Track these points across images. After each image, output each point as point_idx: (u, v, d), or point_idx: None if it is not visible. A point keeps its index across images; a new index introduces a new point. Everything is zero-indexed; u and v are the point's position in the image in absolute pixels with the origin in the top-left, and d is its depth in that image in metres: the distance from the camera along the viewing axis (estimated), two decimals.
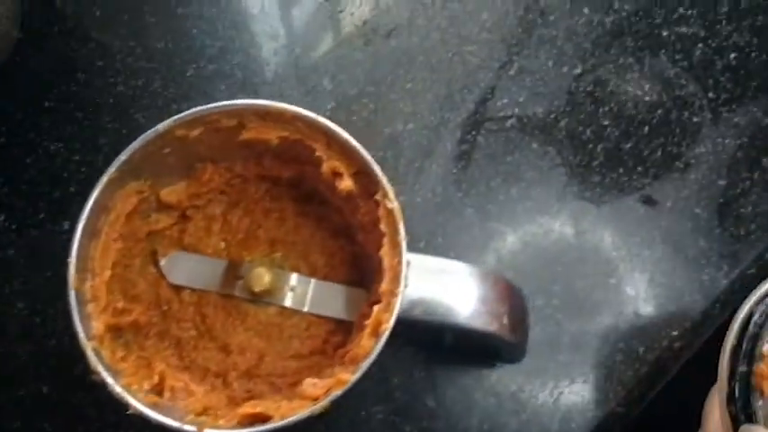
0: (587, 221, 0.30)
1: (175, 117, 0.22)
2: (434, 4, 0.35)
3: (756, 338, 0.21)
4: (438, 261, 0.21)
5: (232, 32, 0.34)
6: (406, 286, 0.20)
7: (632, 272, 0.30)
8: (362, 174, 0.22)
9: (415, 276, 0.20)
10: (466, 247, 0.30)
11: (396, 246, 0.20)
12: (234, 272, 0.25)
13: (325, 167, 0.22)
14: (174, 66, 0.33)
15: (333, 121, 0.32)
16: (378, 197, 0.21)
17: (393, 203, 0.21)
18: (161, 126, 0.21)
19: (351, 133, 0.32)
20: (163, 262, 0.24)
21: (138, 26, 0.34)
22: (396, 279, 0.20)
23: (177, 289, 0.24)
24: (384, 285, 0.20)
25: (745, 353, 0.21)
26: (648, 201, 0.30)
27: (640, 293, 0.29)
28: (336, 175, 0.22)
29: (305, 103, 0.33)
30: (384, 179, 0.21)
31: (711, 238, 0.30)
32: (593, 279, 0.29)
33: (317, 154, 0.22)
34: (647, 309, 0.29)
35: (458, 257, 0.29)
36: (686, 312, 0.29)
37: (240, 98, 0.33)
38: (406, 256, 0.20)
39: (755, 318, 0.22)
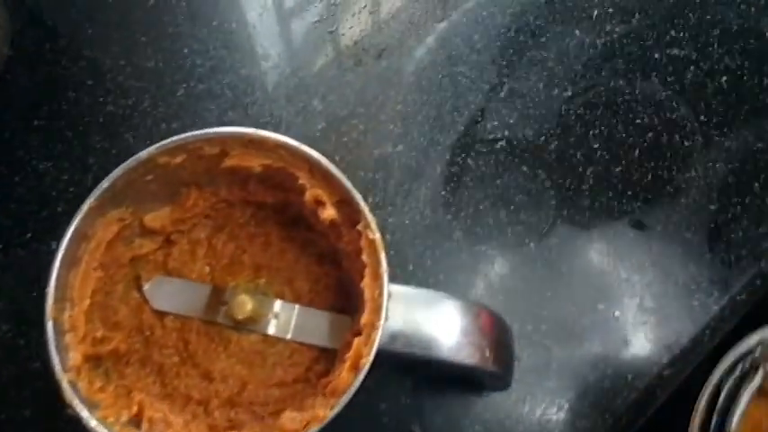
0: (577, 245, 0.30)
1: (158, 144, 0.22)
2: (425, 25, 0.35)
3: (726, 413, 0.21)
4: (420, 292, 0.21)
5: (223, 52, 0.34)
6: (386, 319, 0.20)
7: (621, 297, 0.29)
8: (345, 202, 0.22)
9: (397, 308, 0.20)
10: (454, 270, 0.30)
11: (377, 277, 0.20)
12: (218, 297, 0.24)
13: (308, 196, 0.22)
14: (164, 85, 0.33)
15: (323, 141, 0.33)
16: (360, 227, 0.21)
17: (375, 234, 0.20)
18: (143, 154, 0.21)
19: (340, 154, 0.32)
20: (146, 287, 0.24)
21: (130, 45, 0.34)
22: (376, 311, 0.20)
23: (160, 314, 0.24)
24: (365, 317, 0.20)
25: (715, 429, 0.21)
26: (638, 225, 0.30)
27: (629, 319, 0.29)
28: (319, 203, 0.22)
29: (295, 123, 0.33)
30: (366, 209, 0.21)
31: (702, 264, 0.30)
32: (582, 304, 0.29)
33: (300, 182, 0.22)
34: (637, 335, 0.29)
35: (446, 280, 0.29)
36: (676, 339, 0.29)
37: (230, 117, 0.33)
38: (388, 287, 0.20)
39: (724, 392, 0.22)
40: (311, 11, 0.35)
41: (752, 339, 0.24)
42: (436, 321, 0.20)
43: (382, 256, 0.20)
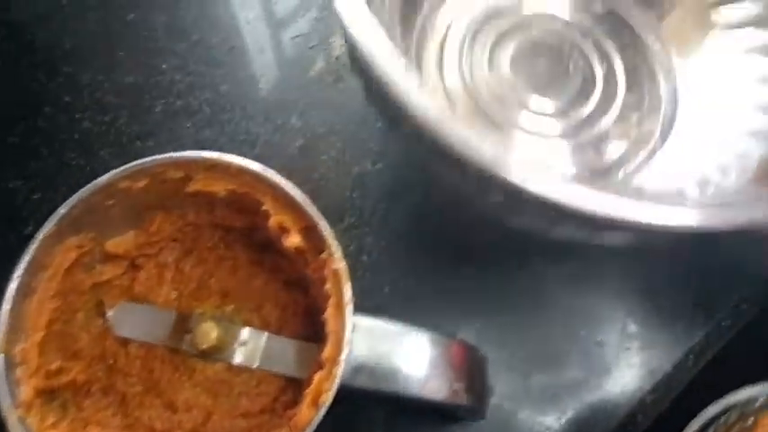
0: (557, 270, 0.29)
1: (118, 170, 0.21)
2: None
3: None
4: (387, 325, 0.20)
5: (202, 68, 0.33)
6: (349, 353, 0.19)
7: (603, 322, 0.29)
8: (311, 229, 0.21)
9: (361, 341, 0.19)
10: (431, 294, 0.29)
11: (340, 309, 0.19)
12: (183, 324, 0.24)
13: (273, 222, 0.21)
14: (141, 101, 0.33)
15: (301, 158, 0.32)
16: (324, 255, 0.20)
17: (339, 264, 0.20)
18: (102, 179, 0.21)
19: (319, 172, 0.32)
20: (110, 313, 0.24)
21: (109, 60, 0.34)
22: (338, 345, 0.19)
23: (124, 341, 0.24)
24: (326, 351, 0.19)
25: None
26: (620, 249, 0.29)
27: (612, 345, 0.28)
28: (284, 230, 0.21)
29: (272, 140, 0.32)
30: (331, 237, 0.20)
31: (685, 288, 0.29)
32: (563, 330, 0.28)
33: (264, 208, 0.21)
34: (619, 361, 0.28)
35: (422, 305, 0.29)
36: (659, 364, 0.28)
37: (206, 135, 0.33)
38: (352, 319, 0.19)
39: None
40: (292, 27, 0.34)
41: (745, 392, 0.23)
42: (402, 355, 0.20)
43: (347, 286, 0.20)
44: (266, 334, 0.23)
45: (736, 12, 0.29)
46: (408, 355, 0.20)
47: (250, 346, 0.23)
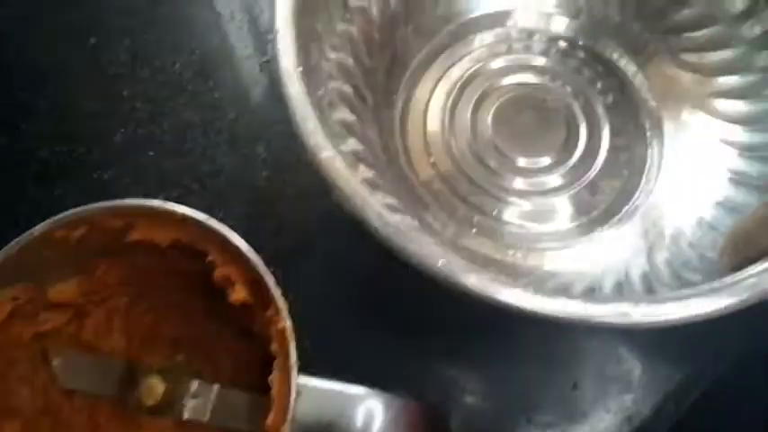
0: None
1: (53, 219, 0.20)
2: None
3: None
4: (338, 387, 0.19)
5: (164, 94, 0.32)
6: (293, 420, 0.18)
7: (581, 366, 0.27)
8: (257, 282, 0.20)
9: (308, 405, 0.18)
10: (394, 344, 0.27)
11: (285, 371, 0.18)
12: (132, 375, 0.22)
13: (218, 274, 0.20)
14: (101, 129, 0.32)
15: (267, 190, 0.31)
16: (269, 313, 0.19)
17: (285, 323, 0.19)
18: (36, 229, 0.19)
19: (284, 205, 0.31)
20: (55, 363, 0.22)
21: (67, 86, 0.33)
22: (282, 411, 0.18)
23: (70, 393, 0.22)
24: (270, 418, 0.18)
25: None
26: None
27: (588, 389, 0.27)
28: (229, 282, 0.20)
29: (237, 171, 0.31)
30: (278, 293, 0.19)
31: (665, 330, 0.28)
32: (536, 375, 0.27)
33: (210, 258, 0.20)
34: (596, 406, 0.27)
35: (385, 357, 0.27)
36: (637, 409, 0.27)
37: (168, 165, 0.31)
38: (297, 381, 0.18)
39: None
40: (257, 54, 0.33)
41: None
42: (354, 420, 0.18)
43: (292, 346, 0.18)
44: (217, 387, 0.22)
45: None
46: (360, 421, 0.18)
47: (200, 399, 0.22)
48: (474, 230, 0.28)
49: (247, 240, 0.20)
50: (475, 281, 0.19)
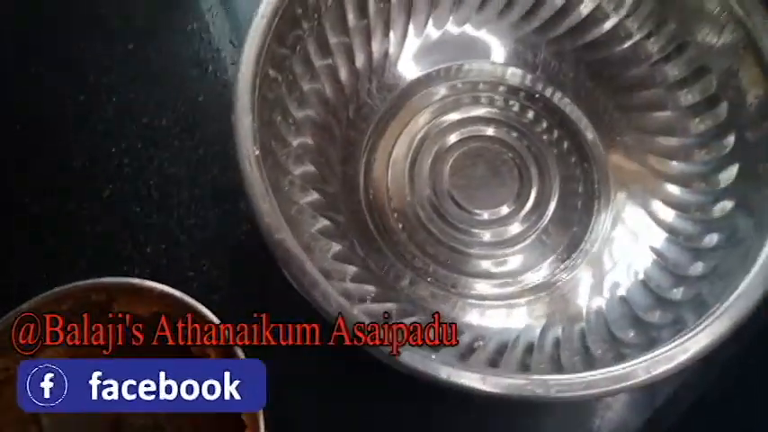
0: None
1: (42, 295, 0.21)
2: None
3: None
4: None
5: (151, 150, 0.34)
6: None
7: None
8: (230, 354, 0.21)
9: None
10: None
11: None
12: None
13: (195, 349, 0.21)
14: (90, 185, 0.33)
15: (249, 245, 0.32)
16: None
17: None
18: (23, 307, 0.21)
19: (262, 269, 0.31)
20: (44, 422, 0.24)
21: (56, 142, 0.34)
22: None
23: None
24: None
25: None
26: None
27: None
28: (205, 355, 0.21)
29: (219, 226, 0.32)
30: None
31: None
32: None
33: (188, 332, 0.21)
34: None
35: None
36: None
37: (154, 220, 0.33)
38: None
39: None
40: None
41: None
42: None
43: (261, 417, 0.20)
44: None
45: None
46: None
47: None
48: (429, 279, 0.30)
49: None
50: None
